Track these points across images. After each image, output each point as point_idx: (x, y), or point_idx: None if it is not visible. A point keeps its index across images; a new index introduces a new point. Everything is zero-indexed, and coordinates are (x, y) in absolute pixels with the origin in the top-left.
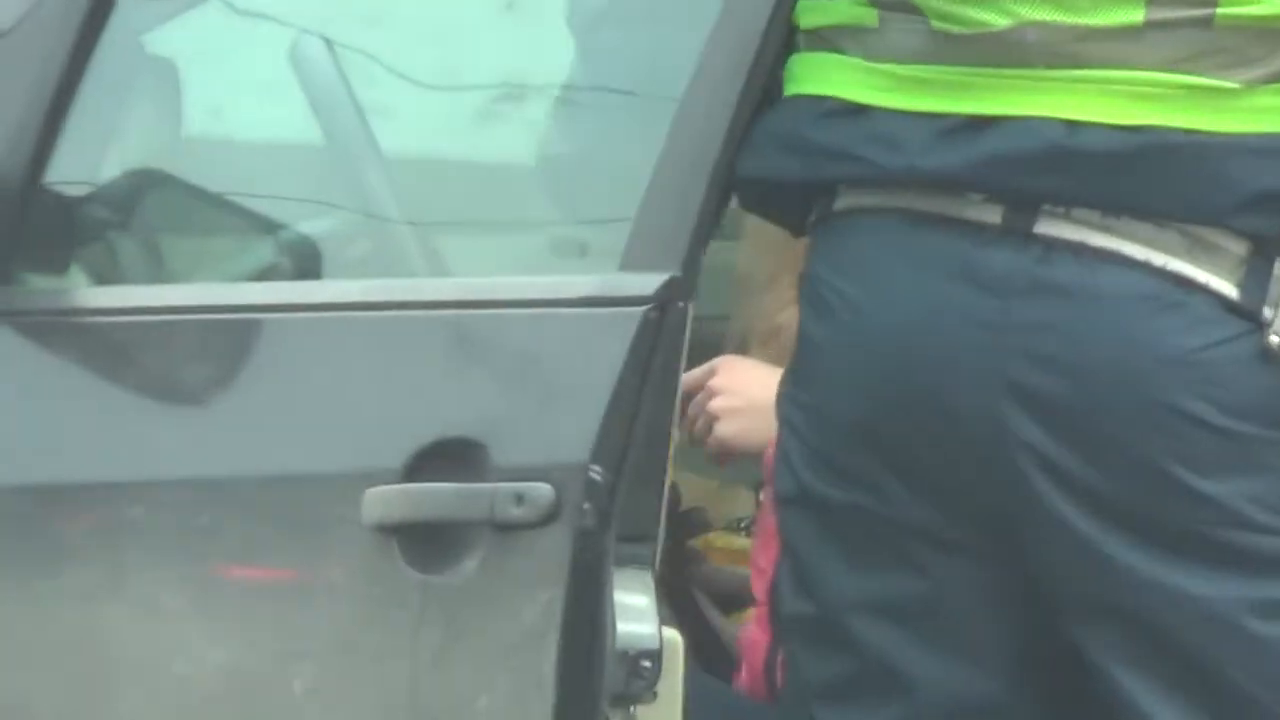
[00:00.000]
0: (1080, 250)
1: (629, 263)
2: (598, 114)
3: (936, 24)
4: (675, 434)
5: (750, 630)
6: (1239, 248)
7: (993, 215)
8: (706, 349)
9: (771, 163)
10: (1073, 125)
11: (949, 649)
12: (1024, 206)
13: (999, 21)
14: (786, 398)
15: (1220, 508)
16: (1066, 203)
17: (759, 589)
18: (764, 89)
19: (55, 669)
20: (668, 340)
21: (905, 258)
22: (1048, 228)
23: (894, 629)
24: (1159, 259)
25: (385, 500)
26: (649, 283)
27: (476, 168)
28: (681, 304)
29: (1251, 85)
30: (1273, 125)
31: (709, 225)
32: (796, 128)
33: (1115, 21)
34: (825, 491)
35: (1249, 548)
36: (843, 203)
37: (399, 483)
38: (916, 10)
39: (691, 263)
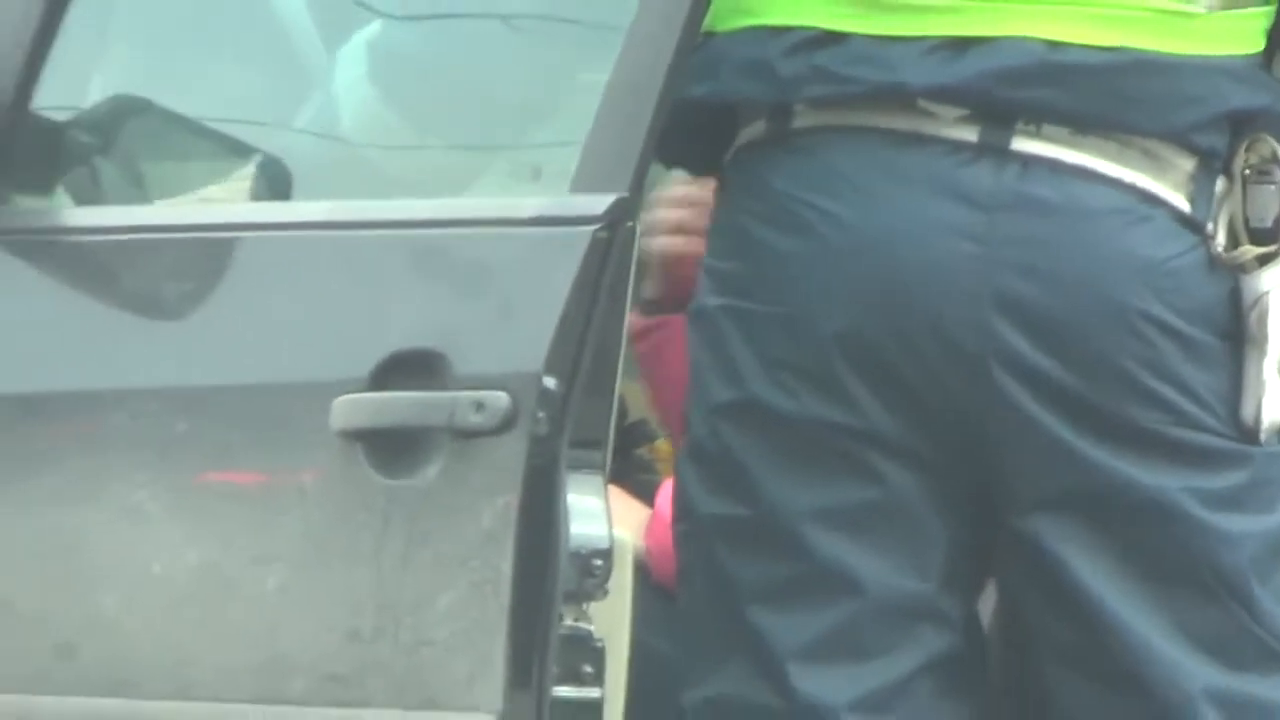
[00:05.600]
0: (1056, 166)
1: (580, 185)
2: (550, 44)
3: None
4: (624, 346)
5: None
6: (1188, 164)
7: (969, 133)
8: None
9: (733, 86)
10: (1053, 44)
11: (894, 551)
12: (1000, 123)
13: None
14: (727, 310)
15: (1170, 407)
16: (1043, 118)
17: None
18: (702, 21)
19: (44, 567)
20: (617, 257)
21: (889, 175)
22: (1023, 144)
23: (845, 534)
24: (1128, 175)
25: (352, 408)
26: (598, 203)
27: (436, 96)
28: (629, 223)
29: (1210, 10)
30: (1231, 48)
31: (653, 149)
32: (762, 54)
33: None
34: (779, 403)
35: (1194, 444)
36: (805, 122)
37: (365, 391)
38: None
39: (638, 184)
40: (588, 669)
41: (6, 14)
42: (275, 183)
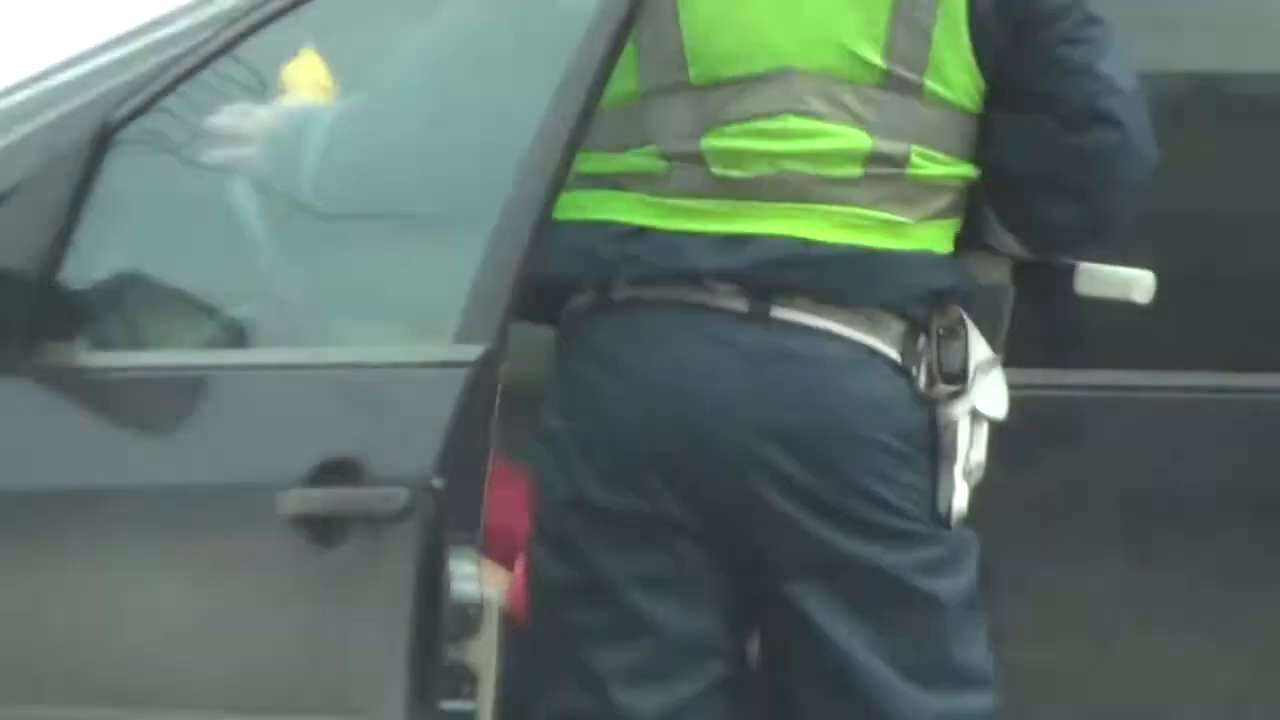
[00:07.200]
0: (805, 328)
1: (460, 338)
2: (438, 236)
3: (716, 170)
4: (490, 455)
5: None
6: (900, 326)
7: (740, 304)
8: (508, 398)
9: (571, 267)
10: (806, 240)
11: (685, 601)
12: (763, 297)
13: (767, 170)
14: (563, 432)
15: (885, 502)
16: (795, 294)
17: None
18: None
19: (75, 610)
20: (484, 392)
21: (682, 332)
22: (780, 313)
23: (648, 590)
24: (856, 334)
25: (295, 499)
26: (472, 352)
27: (358, 270)
28: (495, 367)
29: (917, 221)
30: (932, 246)
31: (515, 312)
32: (590, 243)
33: (845, 173)
34: (603, 497)
35: (906, 529)
36: (620, 295)
37: (304, 487)
38: (700, 161)
39: (502, 338)
40: (466, 688)
41: (39, 220)
42: (235, 335)
